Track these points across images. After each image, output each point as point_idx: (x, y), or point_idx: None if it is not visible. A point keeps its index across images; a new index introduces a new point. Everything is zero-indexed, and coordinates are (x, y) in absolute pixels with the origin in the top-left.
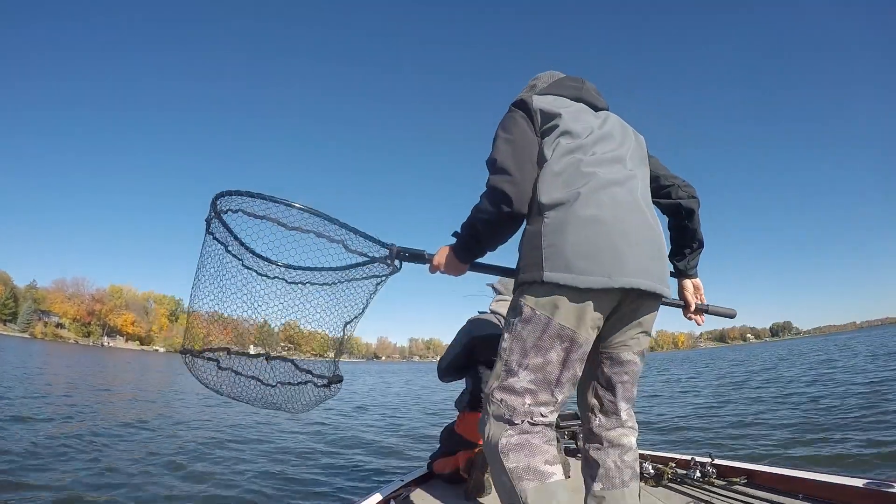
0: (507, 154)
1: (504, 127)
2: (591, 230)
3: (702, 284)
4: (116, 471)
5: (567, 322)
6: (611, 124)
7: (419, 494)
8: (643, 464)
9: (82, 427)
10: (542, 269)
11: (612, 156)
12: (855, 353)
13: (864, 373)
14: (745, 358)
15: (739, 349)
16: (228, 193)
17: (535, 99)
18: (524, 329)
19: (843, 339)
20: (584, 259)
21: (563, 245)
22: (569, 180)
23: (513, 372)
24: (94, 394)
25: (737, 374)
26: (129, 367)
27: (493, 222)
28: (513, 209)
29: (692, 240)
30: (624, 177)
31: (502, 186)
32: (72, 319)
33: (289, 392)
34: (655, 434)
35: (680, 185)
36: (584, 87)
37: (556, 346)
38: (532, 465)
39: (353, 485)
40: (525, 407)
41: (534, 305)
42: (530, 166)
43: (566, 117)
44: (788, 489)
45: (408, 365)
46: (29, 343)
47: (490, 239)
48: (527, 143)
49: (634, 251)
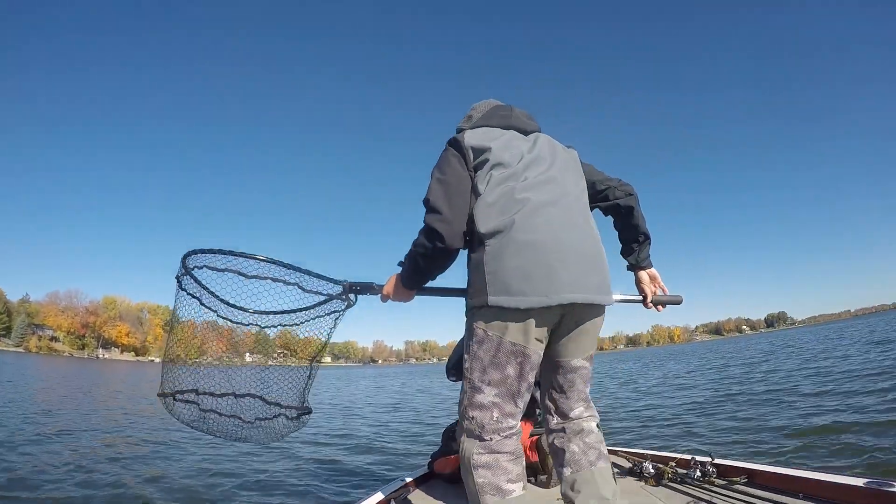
0: (438, 194)
1: (438, 167)
2: (527, 254)
3: (657, 273)
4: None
5: (516, 339)
6: (540, 146)
7: (420, 494)
8: (643, 463)
9: (75, 444)
10: (486, 294)
11: (544, 178)
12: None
13: (863, 363)
14: (733, 352)
15: (735, 341)
16: (194, 252)
17: (466, 136)
18: (480, 349)
19: (839, 327)
20: (522, 281)
21: (503, 270)
22: (503, 209)
23: (478, 389)
24: (83, 407)
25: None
26: (121, 379)
27: (430, 256)
28: (445, 245)
29: (637, 234)
30: (557, 196)
31: (435, 225)
32: (66, 332)
33: (264, 426)
34: (655, 434)
35: (616, 187)
36: (512, 115)
37: (512, 362)
38: (495, 482)
39: (354, 485)
40: (493, 421)
41: (485, 327)
42: (462, 203)
43: (496, 149)
44: (789, 489)
45: (404, 368)
46: (23, 357)
47: (429, 270)
48: (458, 182)
49: (569, 268)
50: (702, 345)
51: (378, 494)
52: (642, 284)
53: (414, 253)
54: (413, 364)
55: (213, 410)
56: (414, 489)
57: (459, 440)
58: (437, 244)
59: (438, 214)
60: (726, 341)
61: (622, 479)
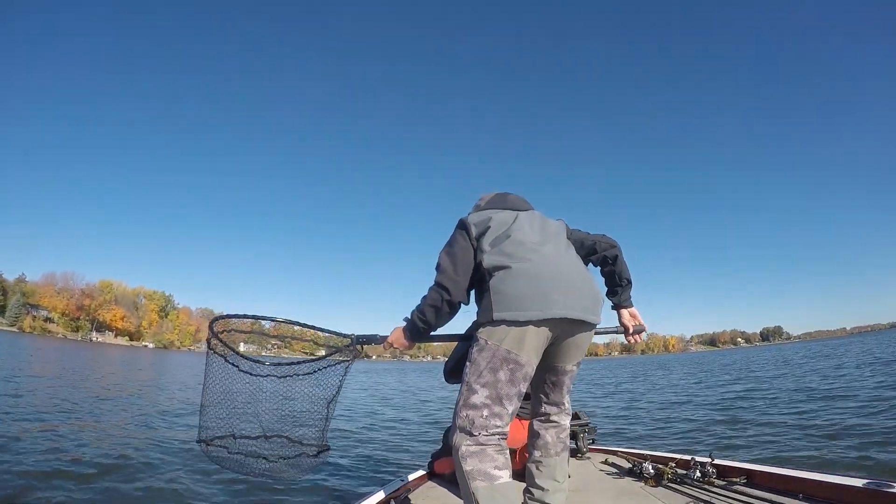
0: (446, 260)
1: (448, 244)
2: (526, 281)
3: (637, 311)
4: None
5: (511, 348)
6: (530, 214)
7: (420, 494)
8: (643, 464)
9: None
10: (492, 311)
11: (538, 230)
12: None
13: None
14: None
15: (730, 353)
16: (221, 318)
17: (470, 217)
18: (479, 356)
19: (834, 344)
20: (522, 300)
21: (507, 292)
22: (507, 252)
23: (473, 390)
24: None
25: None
26: (110, 364)
27: (437, 308)
28: (451, 298)
29: (621, 280)
30: (549, 241)
31: (443, 282)
32: (61, 314)
33: (291, 464)
34: (657, 433)
35: (600, 241)
36: (508, 199)
37: (504, 368)
38: (483, 469)
39: (354, 485)
40: (482, 419)
41: (486, 337)
42: (466, 267)
43: (495, 219)
44: (788, 489)
45: (399, 364)
46: (16, 337)
47: (435, 321)
48: (463, 252)
49: (562, 292)
50: (696, 356)
51: (378, 494)
52: (624, 320)
53: (423, 306)
54: (407, 361)
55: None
56: (414, 489)
57: (452, 436)
58: (443, 296)
59: (445, 273)
60: (720, 353)
61: (622, 479)
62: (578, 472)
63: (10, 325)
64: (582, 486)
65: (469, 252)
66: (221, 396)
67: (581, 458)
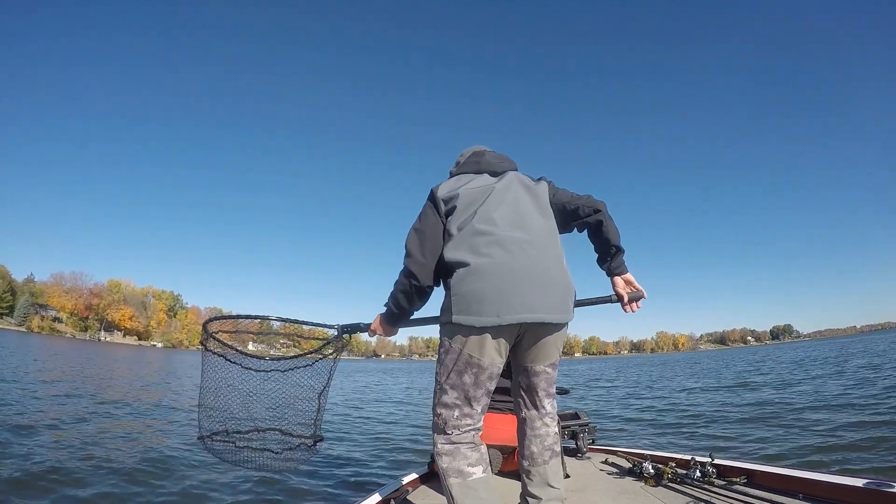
0: (414, 241)
1: (418, 218)
2: (483, 280)
3: (632, 277)
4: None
5: (472, 352)
6: (507, 185)
7: (419, 494)
8: (643, 463)
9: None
10: (451, 313)
11: (507, 212)
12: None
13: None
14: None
15: (739, 352)
16: (213, 319)
17: (439, 188)
18: (446, 358)
19: (844, 342)
20: (478, 304)
21: (464, 294)
22: (468, 244)
23: (444, 390)
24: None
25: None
26: (119, 364)
27: (408, 293)
28: (420, 283)
29: (609, 246)
30: (518, 227)
31: (410, 266)
32: (69, 313)
33: (288, 456)
34: (655, 433)
35: (583, 205)
36: (483, 160)
37: (468, 371)
38: (457, 466)
39: (352, 486)
40: (454, 419)
41: (449, 340)
42: (433, 247)
43: (463, 194)
44: (788, 489)
45: (407, 363)
46: (25, 337)
47: (409, 306)
48: (431, 229)
49: (522, 292)
50: (704, 353)
51: (376, 495)
52: (618, 289)
53: (395, 292)
54: (416, 360)
55: (247, 446)
56: (413, 489)
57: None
58: (412, 282)
59: (412, 257)
60: (731, 351)
61: (622, 479)
62: (578, 472)
63: (19, 325)
64: (582, 486)
65: (438, 229)
66: (216, 394)
67: (581, 458)
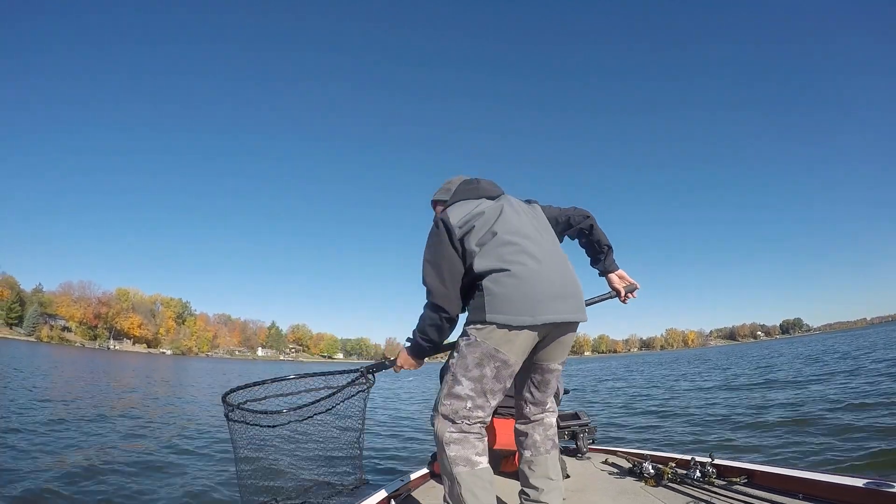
0: (431, 275)
1: (428, 248)
2: (518, 285)
3: (625, 272)
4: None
5: (500, 347)
6: (509, 205)
7: (420, 494)
8: (643, 464)
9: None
10: (485, 312)
11: (517, 226)
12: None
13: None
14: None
15: (749, 347)
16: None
17: (451, 217)
18: (468, 349)
19: (855, 335)
20: (514, 304)
21: (498, 295)
22: (498, 255)
23: (458, 381)
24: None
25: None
26: (128, 372)
27: (439, 326)
28: (449, 314)
29: (600, 248)
30: (530, 238)
31: (436, 301)
32: (78, 323)
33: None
34: (657, 433)
35: (573, 215)
36: (479, 187)
37: (490, 364)
38: (465, 455)
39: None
40: (465, 409)
41: (476, 334)
42: (454, 275)
43: (475, 216)
44: (788, 489)
45: None
46: (34, 347)
47: (439, 338)
48: (449, 262)
49: (553, 296)
50: (714, 349)
51: (378, 494)
52: (614, 284)
53: (423, 326)
54: (426, 362)
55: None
56: (414, 489)
57: (434, 422)
58: (441, 315)
59: (435, 292)
60: (741, 347)
61: (622, 479)
62: (578, 472)
63: (28, 334)
64: (582, 486)
65: (455, 260)
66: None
67: (581, 458)
